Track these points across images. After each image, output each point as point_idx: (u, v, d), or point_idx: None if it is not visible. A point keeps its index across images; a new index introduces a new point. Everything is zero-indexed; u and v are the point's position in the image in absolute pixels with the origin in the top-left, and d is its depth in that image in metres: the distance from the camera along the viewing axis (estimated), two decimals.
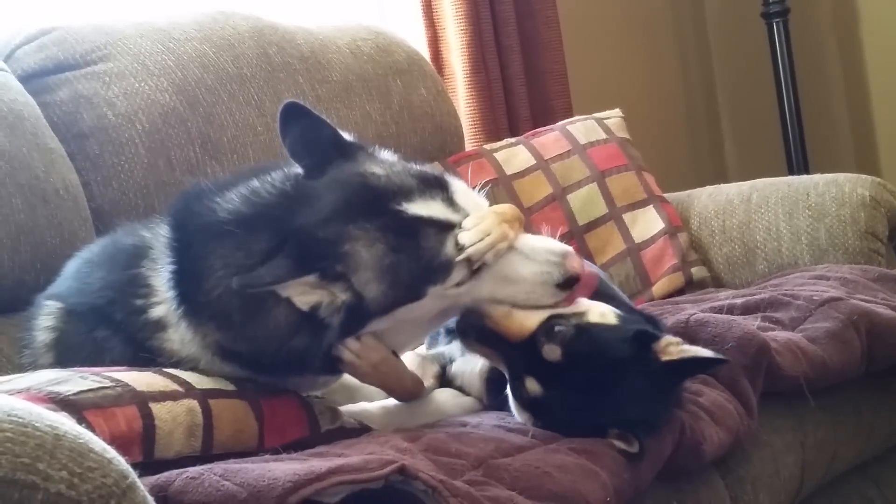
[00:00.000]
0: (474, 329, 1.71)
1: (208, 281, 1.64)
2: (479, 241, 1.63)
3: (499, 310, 1.69)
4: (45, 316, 1.78)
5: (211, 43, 2.61)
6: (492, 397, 1.90)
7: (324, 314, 1.63)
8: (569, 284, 1.68)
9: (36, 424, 1.00)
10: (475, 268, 1.65)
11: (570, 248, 1.70)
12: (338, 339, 1.66)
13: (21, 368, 1.76)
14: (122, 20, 2.57)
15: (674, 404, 1.76)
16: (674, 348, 1.68)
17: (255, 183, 1.72)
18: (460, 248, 1.63)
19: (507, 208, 1.72)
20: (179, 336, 1.68)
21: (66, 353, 1.73)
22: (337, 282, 1.62)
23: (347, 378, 1.84)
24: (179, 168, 2.41)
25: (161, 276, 1.70)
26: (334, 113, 2.76)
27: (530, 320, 1.68)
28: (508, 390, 1.73)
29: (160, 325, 1.69)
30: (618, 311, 1.75)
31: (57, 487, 0.97)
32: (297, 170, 1.72)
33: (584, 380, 1.65)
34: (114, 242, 1.87)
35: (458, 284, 1.65)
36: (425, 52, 3.39)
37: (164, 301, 1.69)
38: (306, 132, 1.74)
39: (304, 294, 1.62)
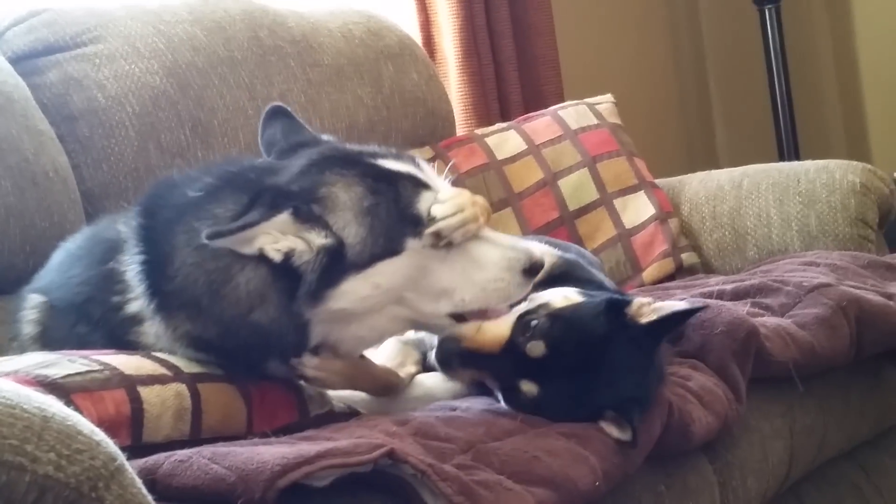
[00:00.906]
0: (455, 356, 1.70)
1: (175, 261, 1.61)
2: (452, 215, 1.62)
3: (469, 327, 1.68)
4: (30, 309, 1.77)
5: (202, 25, 2.60)
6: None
7: (298, 262, 1.57)
8: (534, 271, 1.67)
9: (24, 406, 0.99)
10: (443, 243, 1.63)
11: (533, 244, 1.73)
12: (311, 298, 1.59)
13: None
14: (112, 2, 2.56)
15: (661, 374, 1.76)
16: (647, 308, 1.69)
17: (225, 164, 1.72)
18: (432, 219, 1.62)
19: (478, 197, 1.71)
20: (154, 330, 1.65)
21: (51, 347, 1.72)
22: (313, 225, 1.58)
23: None
24: (170, 151, 2.41)
25: (133, 270, 1.67)
26: (325, 97, 2.76)
27: (502, 326, 1.68)
28: (502, 401, 1.72)
29: (136, 320, 1.66)
30: (578, 289, 1.77)
31: (45, 469, 0.96)
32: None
33: (574, 364, 1.65)
34: (94, 235, 1.84)
35: (431, 249, 1.64)
36: (417, 37, 3.38)
37: (138, 296, 1.66)
38: (284, 129, 1.77)
39: (276, 241, 1.57)
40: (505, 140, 3.03)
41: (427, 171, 1.71)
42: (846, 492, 2.42)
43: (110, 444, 1.03)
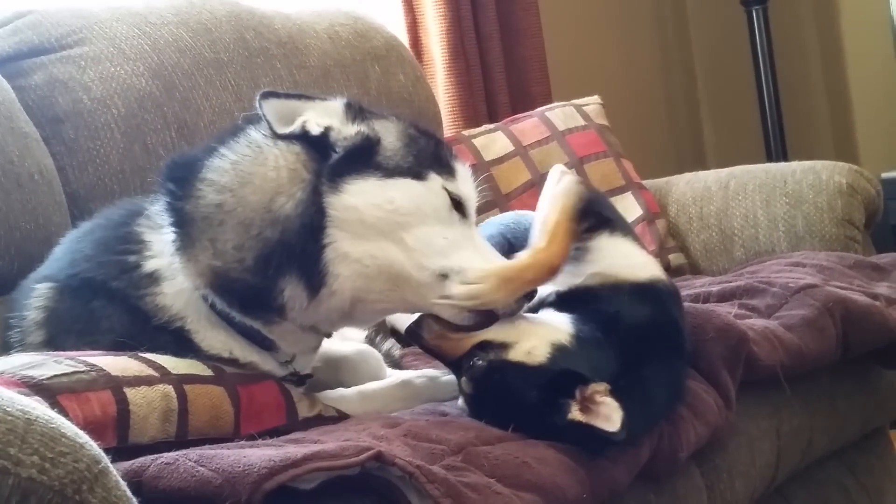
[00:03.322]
0: (417, 342, 1.72)
1: (200, 179, 1.68)
2: (465, 296, 1.65)
3: (434, 329, 1.68)
4: (37, 297, 1.77)
5: (188, 27, 2.60)
6: None
7: (335, 138, 1.66)
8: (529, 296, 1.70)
9: (7, 409, 0.99)
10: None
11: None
12: (333, 178, 1.64)
13: (6, 346, 1.75)
14: (97, 4, 2.55)
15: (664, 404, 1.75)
16: (591, 404, 1.60)
17: None
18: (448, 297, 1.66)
19: (527, 272, 1.70)
20: (172, 288, 1.67)
21: (58, 328, 1.72)
22: (360, 122, 1.69)
23: (329, 350, 1.86)
24: (155, 153, 2.40)
25: (155, 229, 1.71)
26: None
27: (462, 343, 1.67)
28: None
29: (153, 279, 1.68)
30: (569, 337, 1.68)
31: (28, 472, 0.96)
32: None
33: (494, 412, 1.64)
34: (106, 215, 1.87)
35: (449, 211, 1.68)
36: (404, 38, 3.38)
37: (157, 254, 1.69)
38: None
39: (321, 116, 1.67)
40: (492, 141, 3.03)
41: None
42: (833, 492, 2.42)
43: (94, 447, 1.03)
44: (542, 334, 1.68)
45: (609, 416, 1.58)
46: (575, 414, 1.59)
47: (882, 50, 4.25)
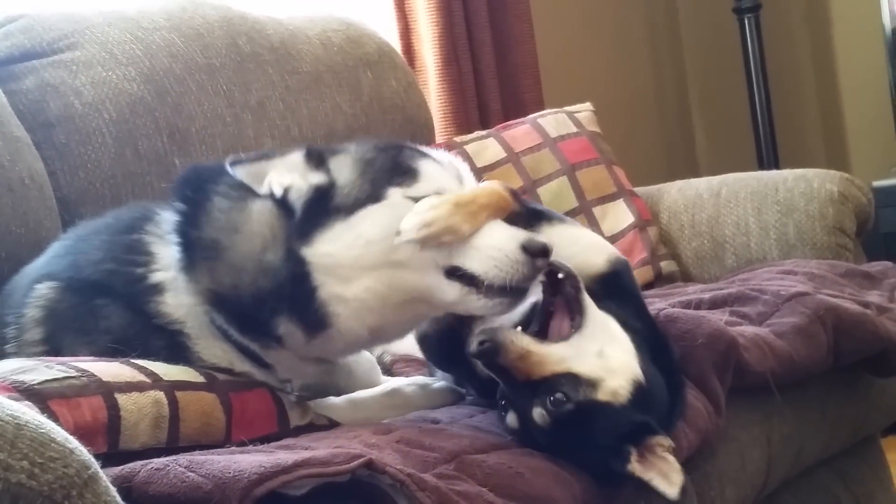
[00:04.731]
0: (488, 362, 1.59)
1: (205, 212, 1.71)
2: (417, 226, 1.62)
3: (517, 348, 1.57)
4: (37, 296, 1.77)
5: (180, 32, 2.60)
6: (429, 356, 1.94)
7: (293, 197, 1.66)
8: (534, 250, 1.61)
9: None
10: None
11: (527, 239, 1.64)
12: (301, 235, 1.64)
13: (1, 342, 1.76)
14: (89, 8, 2.55)
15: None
16: (654, 457, 1.60)
17: None
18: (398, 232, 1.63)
19: (479, 195, 1.68)
20: (175, 300, 1.69)
21: (57, 326, 1.73)
22: (320, 168, 1.68)
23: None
24: (147, 158, 2.40)
25: (163, 241, 1.73)
26: (304, 104, 2.76)
27: (545, 368, 1.58)
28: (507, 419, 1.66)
29: (158, 290, 1.71)
30: (642, 371, 1.64)
31: (18, 478, 0.96)
32: None
33: (557, 446, 1.59)
34: (114, 216, 1.89)
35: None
36: (397, 45, 3.38)
37: (163, 267, 1.71)
38: None
39: (283, 174, 1.67)
40: (484, 148, 3.03)
41: (436, 158, 1.76)
42: (823, 500, 2.42)
43: (84, 453, 1.02)
44: (624, 370, 1.62)
45: (668, 475, 1.59)
46: (634, 466, 1.58)
47: (874, 58, 4.26)
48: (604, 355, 1.61)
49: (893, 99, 4.06)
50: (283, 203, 1.67)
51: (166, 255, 1.72)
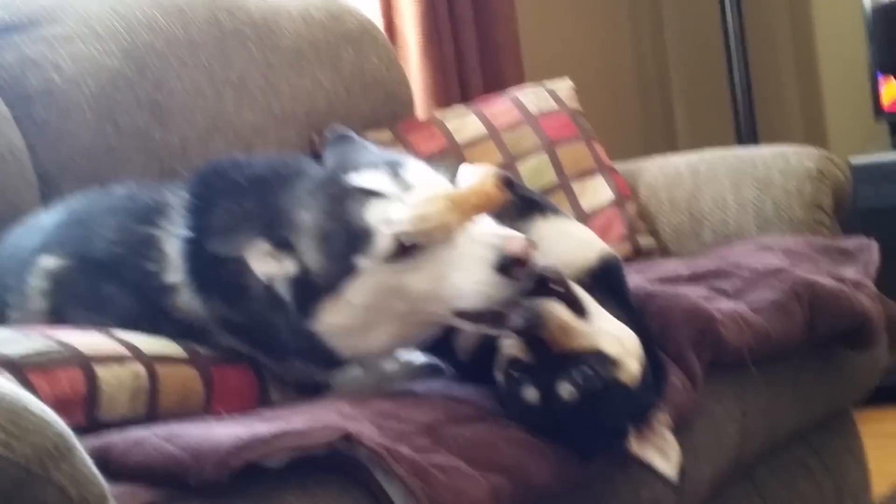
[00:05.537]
0: (531, 335, 1.60)
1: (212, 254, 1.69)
2: (413, 219, 1.60)
3: (559, 320, 1.58)
4: (42, 267, 1.78)
5: (161, 7, 2.58)
6: None
7: (279, 288, 1.64)
8: (506, 266, 1.57)
9: None
10: (407, 245, 1.62)
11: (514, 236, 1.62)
12: (302, 315, 1.64)
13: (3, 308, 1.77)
14: None
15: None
16: (648, 430, 1.64)
17: (269, 160, 1.83)
18: (390, 222, 1.62)
19: (472, 195, 1.66)
20: (191, 305, 1.71)
21: (66, 300, 1.75)
22: (288, 252, 1.64)
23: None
24: (127, 133, 2.39)
25: (174, 241, 1.73)
26: (285, 80, 2.75)
27: (577, 341, 1.59)
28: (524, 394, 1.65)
29: (173, 290, 1.71)
30: (643, 354, 1.67)
31: None
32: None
33: (571, 422, 1.60)
34: (128, 196, 1.88)
35: (391, 261, 1.62)
36: (378, 21, 3.38)
37: (176, 270, 1.72)
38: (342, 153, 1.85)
39: (261, 263, 1.64)
40: (464, 125, 3.02)
41: (410, 168, 1.73)
42: (797, 472, 2.44)
43: (60, 424, 1.03)
44: (636, 352, 1.65)
45: (665, 451, 1.63)
46: (633, 446, 1.61)
47: (853, 35, 4.27)
48: (619, 338, 1.64)
49: (872, 76, 4.07)
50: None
51: (178, 259, 1.72)
